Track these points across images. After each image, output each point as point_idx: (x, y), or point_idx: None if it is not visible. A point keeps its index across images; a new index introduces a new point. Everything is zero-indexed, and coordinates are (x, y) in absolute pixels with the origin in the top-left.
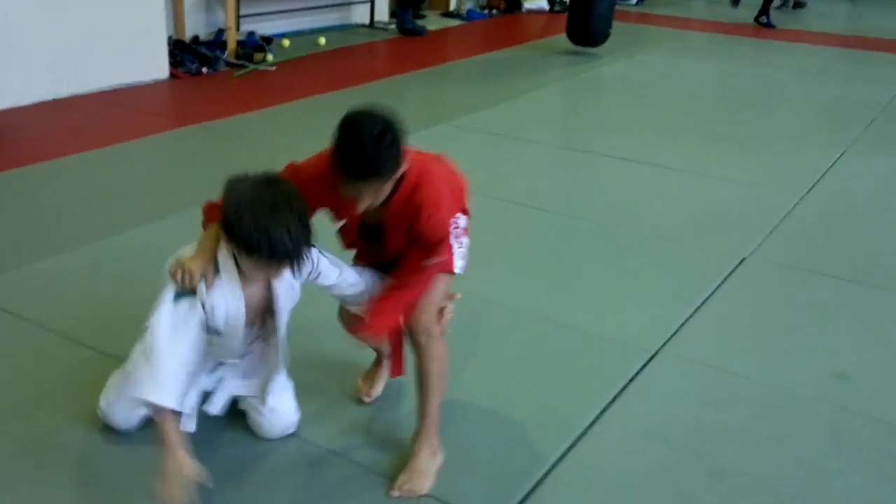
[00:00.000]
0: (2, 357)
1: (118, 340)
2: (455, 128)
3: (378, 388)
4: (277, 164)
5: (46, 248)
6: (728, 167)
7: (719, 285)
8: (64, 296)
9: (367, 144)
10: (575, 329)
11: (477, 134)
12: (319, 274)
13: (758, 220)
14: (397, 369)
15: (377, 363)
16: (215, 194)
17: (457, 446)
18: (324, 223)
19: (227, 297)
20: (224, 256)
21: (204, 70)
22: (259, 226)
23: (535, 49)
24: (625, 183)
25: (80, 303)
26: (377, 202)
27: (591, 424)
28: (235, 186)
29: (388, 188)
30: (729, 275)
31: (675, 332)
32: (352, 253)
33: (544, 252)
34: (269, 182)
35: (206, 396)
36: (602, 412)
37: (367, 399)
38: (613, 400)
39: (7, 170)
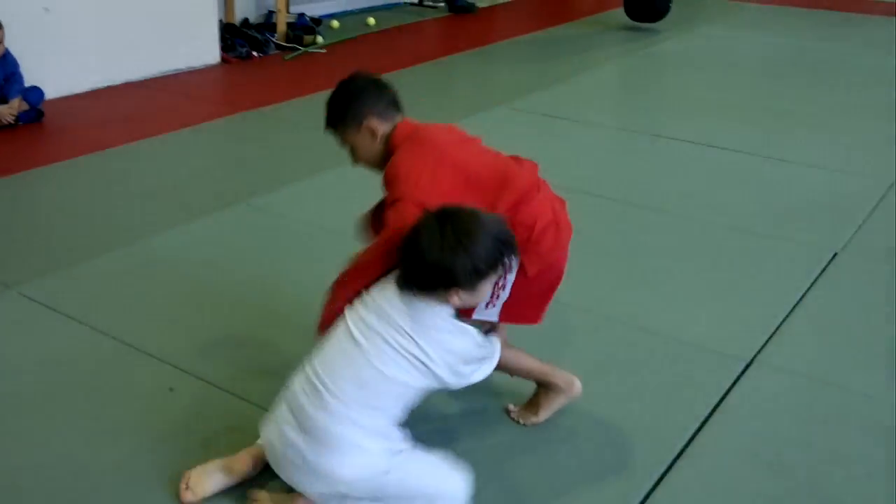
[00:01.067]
0: (56, 363)
1: (176, 345)
2: (512, 110)
3: None
4: (332, 151)
5: (100, 244)
6: (807, 150)
7: (813, 283)
8: (118, 296)
9: (331, 97)
10: (658, 334)
11: (533, 116)
12: None
13: (847, 209)
14: None
15: None
16: (268, 185)
17: (541, 470)
18: None
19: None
20: (439, 320)
21: (254, 54)
22: (484, 245)
23: (589, 25)
24: (694, 168)
25: (135, 303)
26: (357, 157)
27: (687, 445)
28: (419, 246)
29: (359, 143)
30: (822, 271)
31: (769, 338)
32: None
33: (613, 245)
34: (443, 217)
35: None
36: (698, 430)
37: None
38: (709, 416)
39: (59, 161)
